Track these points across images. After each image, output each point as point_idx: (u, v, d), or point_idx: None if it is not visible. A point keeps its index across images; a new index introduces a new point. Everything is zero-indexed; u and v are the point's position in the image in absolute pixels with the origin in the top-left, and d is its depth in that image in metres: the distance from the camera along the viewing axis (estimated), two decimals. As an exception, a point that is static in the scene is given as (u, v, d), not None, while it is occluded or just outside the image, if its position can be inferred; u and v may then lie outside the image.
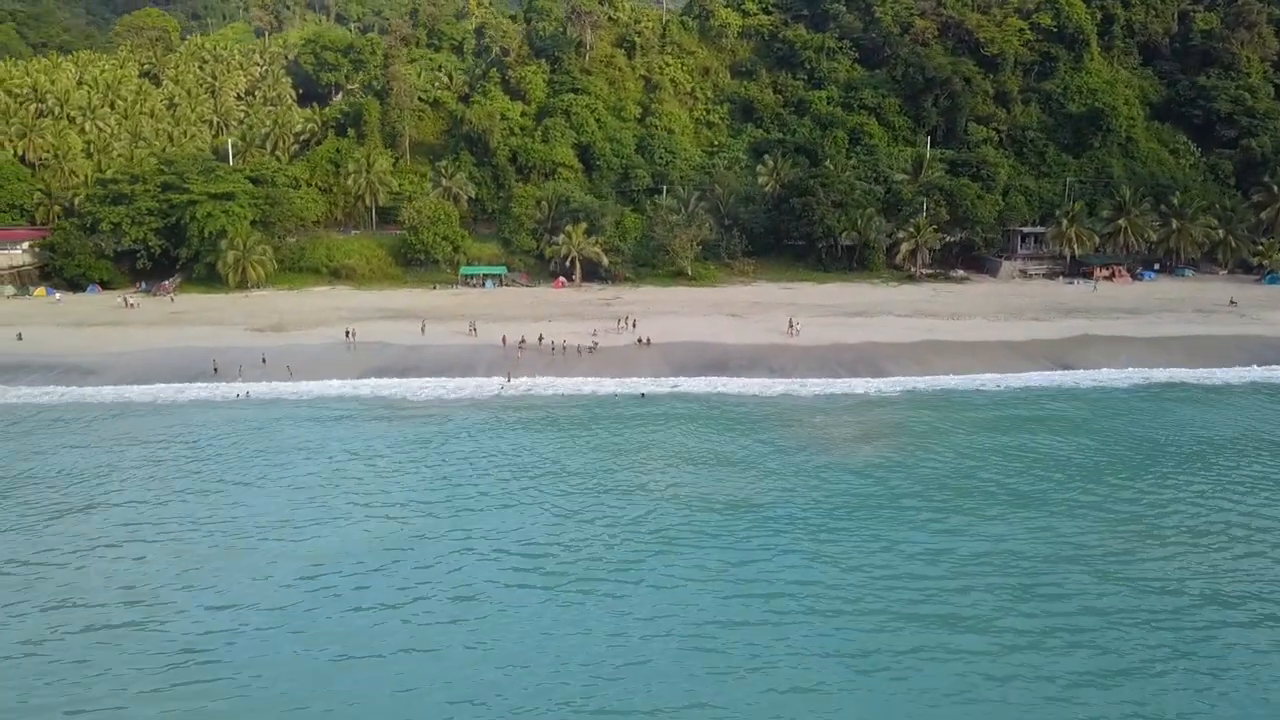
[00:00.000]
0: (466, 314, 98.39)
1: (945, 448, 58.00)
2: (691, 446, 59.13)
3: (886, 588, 40.17)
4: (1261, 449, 58.09)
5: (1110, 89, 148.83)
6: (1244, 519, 47.23)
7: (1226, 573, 41.50)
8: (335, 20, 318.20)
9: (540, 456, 57.29)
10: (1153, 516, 47.78)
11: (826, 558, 43.08)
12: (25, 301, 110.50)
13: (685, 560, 42.85)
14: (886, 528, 46.30)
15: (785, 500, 49.79)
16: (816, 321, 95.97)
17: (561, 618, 38.24)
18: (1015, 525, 46.46)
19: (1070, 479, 52.81)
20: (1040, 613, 38.16)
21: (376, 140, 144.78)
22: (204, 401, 70.76)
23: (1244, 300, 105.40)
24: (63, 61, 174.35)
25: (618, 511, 48.73)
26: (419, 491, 52.17)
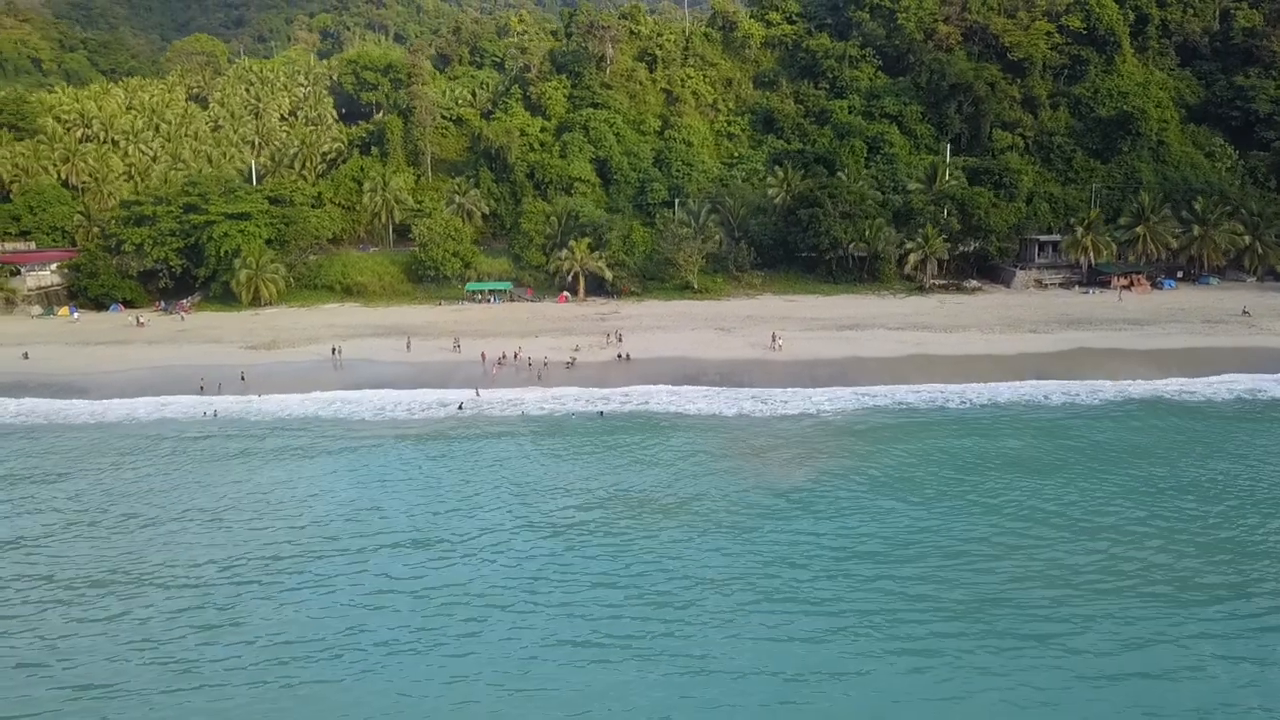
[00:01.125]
0: (460, 330, 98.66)
1: (859, 475, 55.88)
2: (608, 481, 56.63)
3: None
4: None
5: (1143, 91, 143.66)
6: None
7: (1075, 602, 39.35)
8: (394, 39, 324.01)
9: (445, 488, 55.79)
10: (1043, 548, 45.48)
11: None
12: (48, 321, 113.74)
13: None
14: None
15: (656, 530, 48.57)
16: (804, 335, 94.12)
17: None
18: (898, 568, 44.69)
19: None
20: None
21: (399, 158, 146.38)
22: (167, 420, 71.81)
23: (1261, 309, 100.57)
24: (112, 88, 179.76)
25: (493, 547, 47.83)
26: (285, 530, 50.34)
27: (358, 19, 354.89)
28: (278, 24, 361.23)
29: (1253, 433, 61.68)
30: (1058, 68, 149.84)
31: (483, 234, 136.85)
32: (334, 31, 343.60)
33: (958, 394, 72.65)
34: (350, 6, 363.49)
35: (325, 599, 41.98)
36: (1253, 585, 40.87)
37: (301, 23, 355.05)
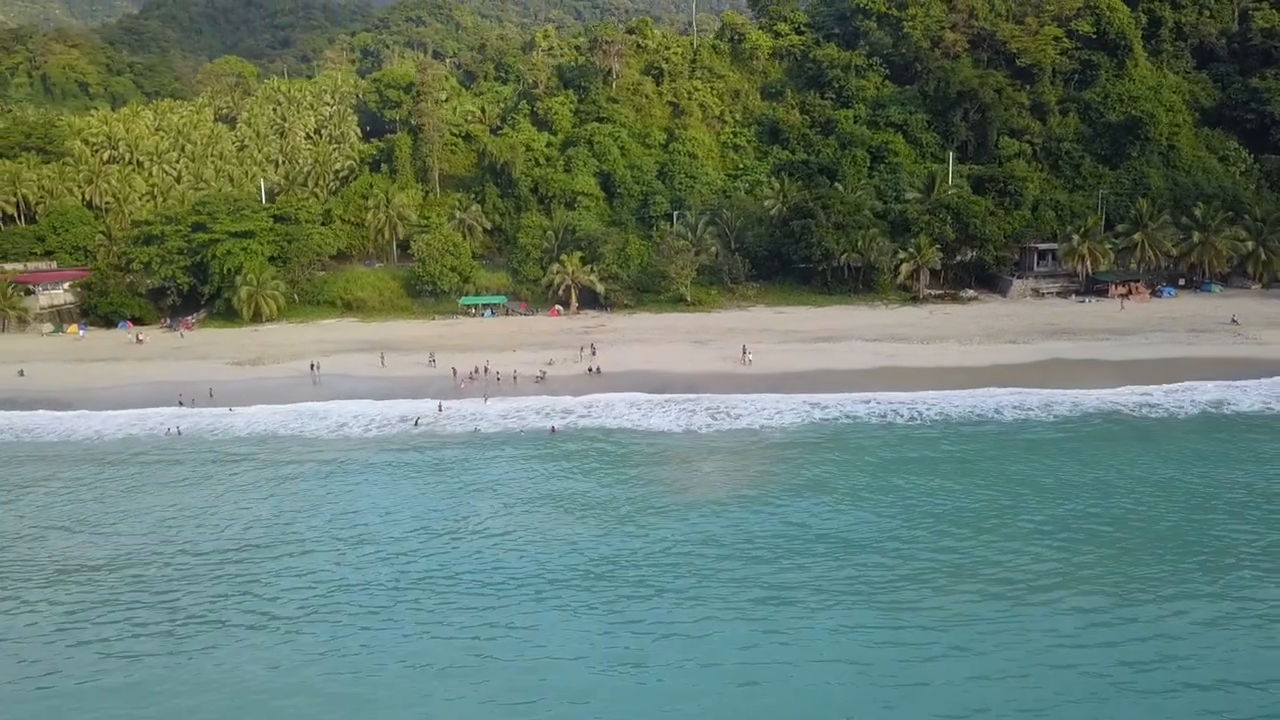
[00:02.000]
0: (444, 345, 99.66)
1: (784, 491, 55.39)
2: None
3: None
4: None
5: (1154, 96, 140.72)
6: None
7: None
8: (433, 56, 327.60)
9: (373, 507, 55.74)
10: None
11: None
12: (55, 338, 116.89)
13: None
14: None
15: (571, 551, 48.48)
16: (780, 348, 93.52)
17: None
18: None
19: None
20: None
21: (408, 175, 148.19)
22: (131, 438, 73.31)
23: (1255, 318, 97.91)
24: (142, 110, 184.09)
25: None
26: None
27: (397, 37, 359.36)
28: (320, 44, 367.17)
29: (1193, 455, 59.76)
30: (1068, 73, 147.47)
31: (488, 248, 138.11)
32: (374, 50, 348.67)
33: (908, 406, 71.61)
34: (390, 25, 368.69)
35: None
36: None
37: (342, 43, 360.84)
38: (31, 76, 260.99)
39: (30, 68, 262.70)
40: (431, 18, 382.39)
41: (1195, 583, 41.79)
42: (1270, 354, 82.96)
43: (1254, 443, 61.32)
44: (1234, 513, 49.59)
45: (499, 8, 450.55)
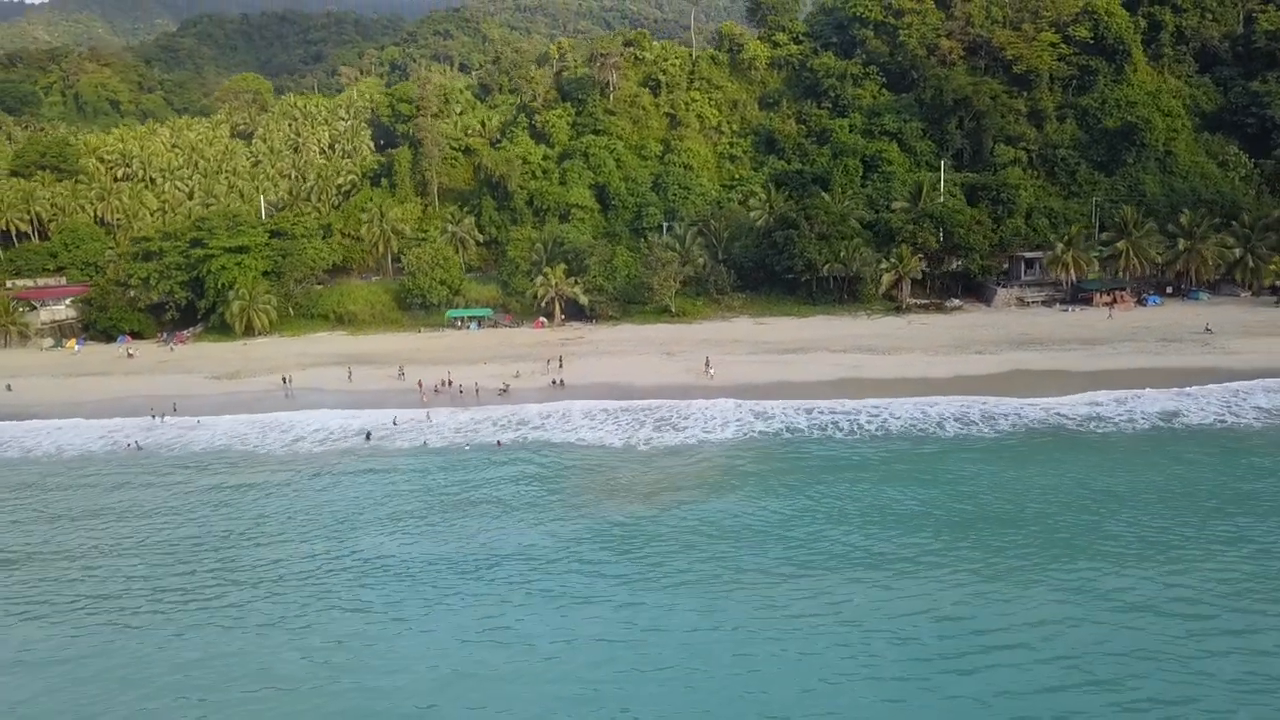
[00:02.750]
0: (421, 358, 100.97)
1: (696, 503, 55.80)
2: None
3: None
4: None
5: (1152, 101, 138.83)
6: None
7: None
8: (459, 69, 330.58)
9: (285, 524, 56.83)
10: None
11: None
12: (53, 353, 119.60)
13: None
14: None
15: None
16: (748, 359, 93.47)
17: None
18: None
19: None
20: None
21: (407, 188, 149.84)
22: (88, 455, 74.89)
23: (1233, 326, 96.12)
24: (159, 127, 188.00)
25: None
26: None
27: (424, 51, 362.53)
28: (350, 58, 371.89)
29: (1127, 468, 59.05)
30: (1066, 79, 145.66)
31: (485, 260, 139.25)
32: (401, 64, 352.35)
33: (849, 418, 71.30)
34: (418, 39, 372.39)
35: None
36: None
37: (371, 57, 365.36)
38: (65, 95, 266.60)
39: (64, 86, 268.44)
40: (459, 31, 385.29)
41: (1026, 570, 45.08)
42: (1234, 363, 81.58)
43: (1168, 453, 60.77)
44: (1087, 509, 51.89)
45: (527, 20, 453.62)
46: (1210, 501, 52.04)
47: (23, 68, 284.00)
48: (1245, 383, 75.96)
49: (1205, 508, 51.18)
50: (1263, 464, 57.79)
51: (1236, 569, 43.60)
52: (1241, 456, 59.48)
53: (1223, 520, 49.20)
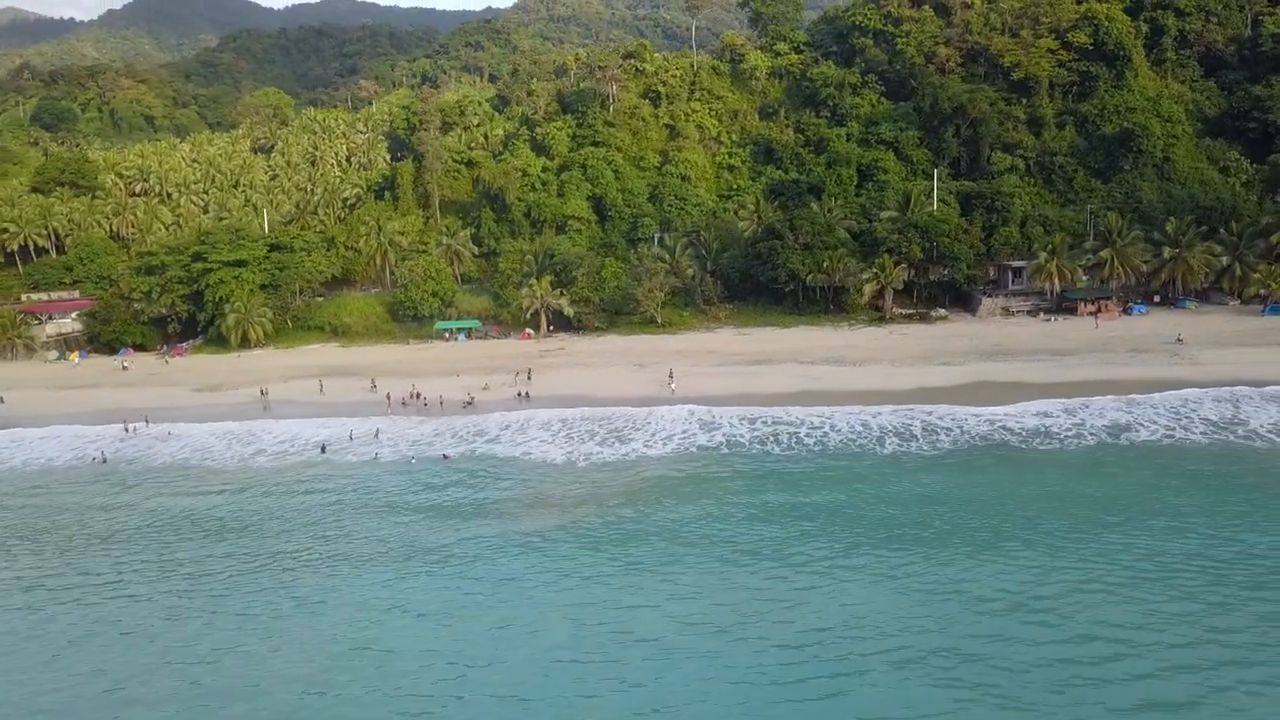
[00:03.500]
0: (401, 370, 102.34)
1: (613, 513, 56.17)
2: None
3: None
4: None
5: (1152, 107, 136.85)
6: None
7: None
8: (488, 80, 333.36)
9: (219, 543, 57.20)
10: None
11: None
12: (56, 365, 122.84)
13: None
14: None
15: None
16: (714, 370, 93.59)
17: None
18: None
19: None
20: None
21: (409, 201, 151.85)
22: (50, 469, 76.85)
23: (1209, 336, 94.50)
24: (179, 143, 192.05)
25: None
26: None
27: (454, 62, 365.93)
28: (383, 70, 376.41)
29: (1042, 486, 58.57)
30: (1066, 85, 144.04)
31: (484, 272, 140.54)
32: (432, 75, 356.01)
33: (789, 431, 71.25)
34: (450, 50, 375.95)
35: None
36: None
37: (403, 68, 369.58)
38: (101, 111, 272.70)
39: (100, 103, 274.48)
40: (489, 42, 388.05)
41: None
42: (1195, 374, 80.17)
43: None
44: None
45: (560, 30, 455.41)
46: (1116, 516, 51.43)
47: (63, 85, 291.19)
48: (1196, 390, 74.97)
49: (1106, 521, 50.72)
50: (1175, 483, 56.89)
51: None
52: (1172, 476, 58.41)
53: (1124, 534, 48.74)
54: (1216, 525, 49.23)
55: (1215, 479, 57.05)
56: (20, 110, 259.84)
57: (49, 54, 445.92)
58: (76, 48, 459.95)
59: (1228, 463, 59.75)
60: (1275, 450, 62.15)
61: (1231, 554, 45.62)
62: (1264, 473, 58.12)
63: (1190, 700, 34.42)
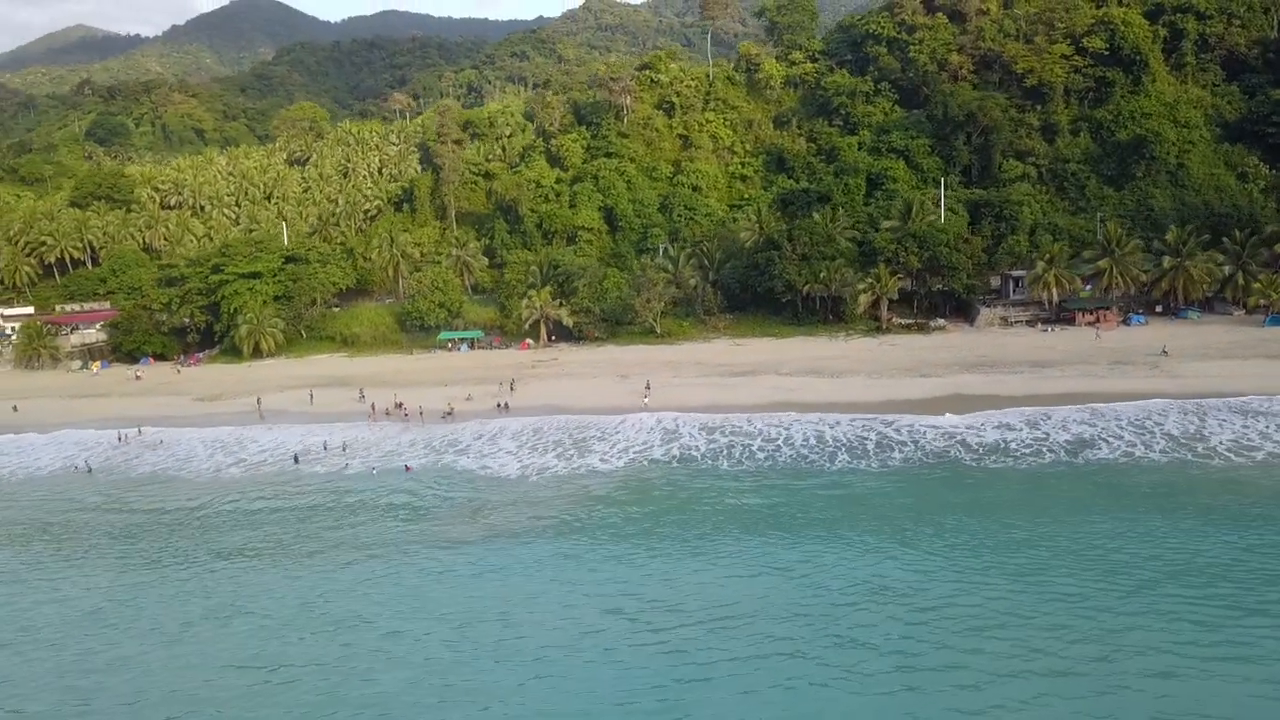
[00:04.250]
0: (397, 380, 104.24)
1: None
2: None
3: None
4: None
5: (1168, 112, 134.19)
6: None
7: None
8: (532, 90, 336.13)
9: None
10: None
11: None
12: (77, 374, 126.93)
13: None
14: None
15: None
16: (694, 382, 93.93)
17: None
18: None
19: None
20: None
21: (426, 213, 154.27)
22: (34, 478, 79.67)
23: (1199, 348, 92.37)
24: (216, 156, 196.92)
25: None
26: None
27: (499, 73, 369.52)
28: (430, 81, 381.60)
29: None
30: (1082, 91, 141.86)
31: (497, 282, 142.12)
32: (477, 86, 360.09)
33: (743, 444, 71.36)
34: (495, 61, 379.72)
35: None
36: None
37: (449, 79, 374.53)
38: (154, 125, 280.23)
39: (153, 117, 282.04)
40: (535, 52, 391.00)
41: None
42: (1172, 387, 78.67)
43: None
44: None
45: (608, 39, 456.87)
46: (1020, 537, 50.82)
47: (120, 100, 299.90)
48: (1162, 402, 73.90)
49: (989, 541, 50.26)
50: (1109, 502, 55.87)
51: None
52: (1113, 495, 57.30)
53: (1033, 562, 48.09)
54: (1118, 552, 48.21)
55: (1154, 499, 55.73)
56: (76, 126, 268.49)
57: (115, 69, 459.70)
58: (141, 63, 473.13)
59: (1175, 485, 58.17)
60: (1228, 468, 60.74)
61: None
62: (1203, 491, 56.79)
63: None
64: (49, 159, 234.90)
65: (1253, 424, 69.16)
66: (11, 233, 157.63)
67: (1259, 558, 46.15)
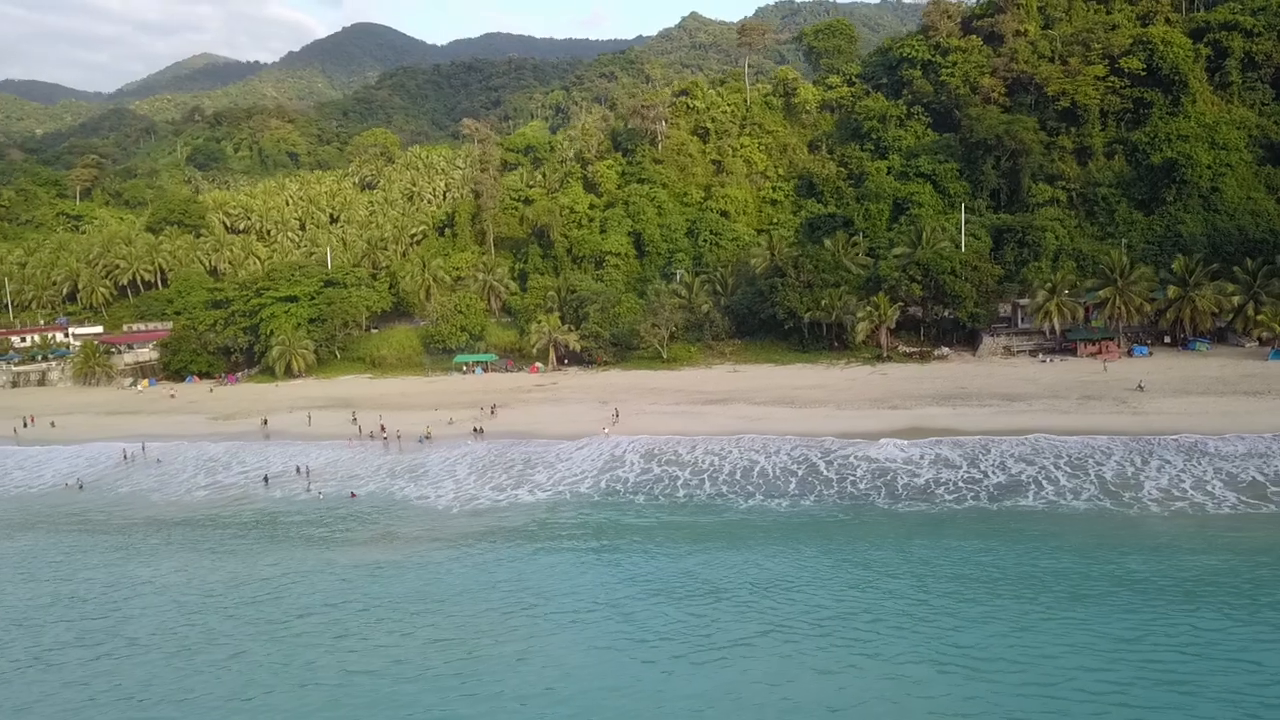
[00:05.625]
0: (399, 403, 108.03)
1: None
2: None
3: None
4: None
5: (1207, 134, 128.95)
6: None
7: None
8: (609, 109, 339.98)
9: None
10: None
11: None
12: (127, 391, 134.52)
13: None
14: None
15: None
16: (666, 409, 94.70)
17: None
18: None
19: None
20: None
21: (466, 237, 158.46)
22: (28, 494, 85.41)
23: (1178, 383, 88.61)
24: (287, 182, 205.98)
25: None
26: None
27: (586, 94, 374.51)
28: (521, 103, 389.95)
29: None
30: (1119, 112, 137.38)
31: (527, 306, 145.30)
32: (564, 107, 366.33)
33: (670, 481, 71.93)
34: (584, 82, 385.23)
35: None
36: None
37: (538, 100, 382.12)
38: (251, 150, 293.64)
39: (251, 141, 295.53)
40: (623, 73, 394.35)
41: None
42: (1133, 424, 75.77)
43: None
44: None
45: (700, 57, 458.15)
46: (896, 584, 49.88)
47: (225, 126, 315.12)
48: (1105, 439, 71.84)
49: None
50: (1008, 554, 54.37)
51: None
52: (1001, 548, 55.69)
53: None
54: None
55: (1044, 558, 53.50)
56: (179, 151, 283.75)
57: (233, 94, 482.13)
58: (258, 88, 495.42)
59: (1073, 541, 55.46)
60: (1140, 519, 58.43)
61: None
62: (1100, 549, 54.35)
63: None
64: (151, 183, 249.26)
65: (1191, 467, 66.25)
66: (91, 256, 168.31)
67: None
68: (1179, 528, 55.74)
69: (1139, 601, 45.64)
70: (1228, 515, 57.20)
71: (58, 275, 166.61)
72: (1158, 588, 47.14)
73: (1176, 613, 44.18)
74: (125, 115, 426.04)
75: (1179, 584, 47.47)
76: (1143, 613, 44.32)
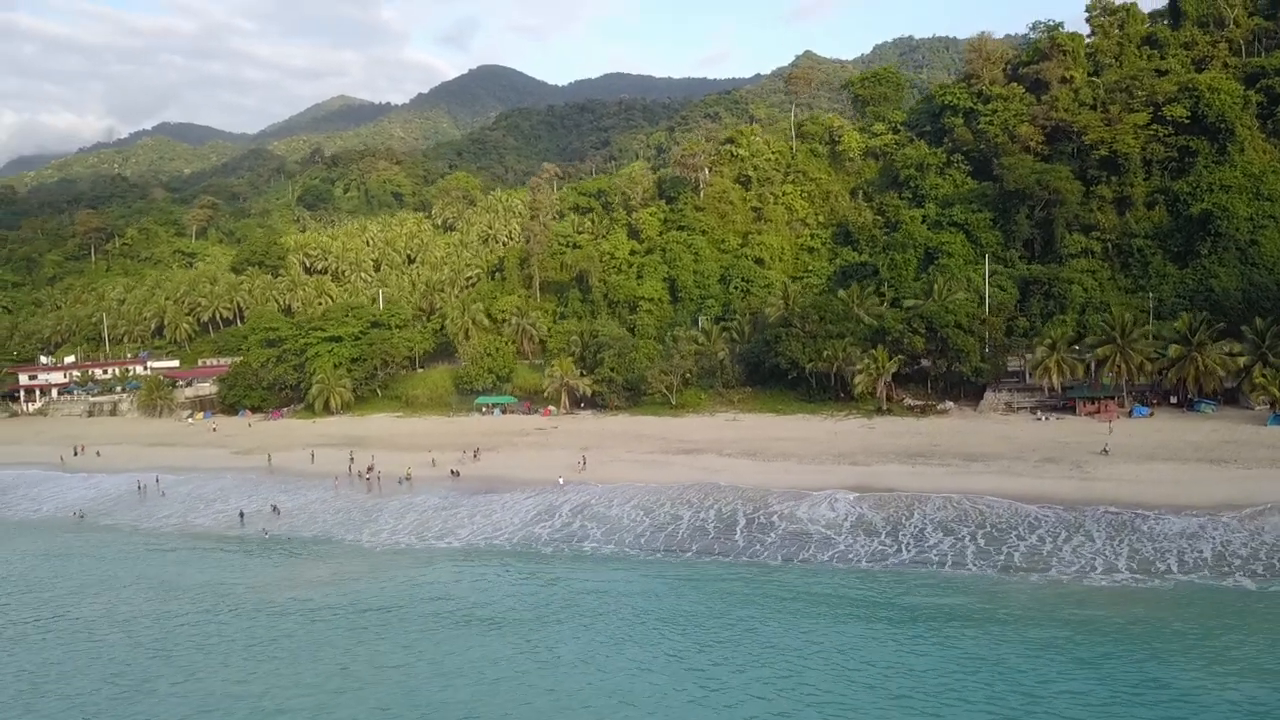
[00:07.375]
0: (408, 443, 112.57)
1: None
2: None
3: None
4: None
5: (1252, 184, 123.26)
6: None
7: None
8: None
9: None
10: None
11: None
12: (183, 423, 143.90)
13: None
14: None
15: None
16: (639, 458, 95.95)
17: None
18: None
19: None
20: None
21: (514, 281, 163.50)
22: (25, 522, 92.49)
23: (1149, 447, 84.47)
24: (368, 224, 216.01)
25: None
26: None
27: (688, 134, 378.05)
28: (626, 143, 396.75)
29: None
30: (1163, 161, 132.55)
31: (551, 350, 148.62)
32: (666, 147, 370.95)
33: (579, 537, 73.16)
34: (688, 122, 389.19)
35: None
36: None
37: (642, 141, 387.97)
38: (360, 190, 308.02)
39: (359, 182, 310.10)
40: (727, 112, 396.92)
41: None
42: (1076, 493, 72.93)
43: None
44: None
45: (811, 95, 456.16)
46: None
47: (340, 167, 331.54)
48: (1042, 509, 70.31)
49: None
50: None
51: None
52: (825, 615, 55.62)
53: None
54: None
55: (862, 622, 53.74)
56: (290, 192, 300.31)
57: (364, 135, 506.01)
58: (386, 129, 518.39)
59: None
60: (1032, 594, 57.02)
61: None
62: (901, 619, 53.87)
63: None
64: (262, 222, 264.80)
65: (1107, 545, 63.40)
66: (178, 294, 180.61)
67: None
68: (1040, 598, 54.64)
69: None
70: (1105, 588, 55.52)
71: (148, 311, 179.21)
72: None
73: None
74: (262, 155, 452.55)
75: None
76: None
